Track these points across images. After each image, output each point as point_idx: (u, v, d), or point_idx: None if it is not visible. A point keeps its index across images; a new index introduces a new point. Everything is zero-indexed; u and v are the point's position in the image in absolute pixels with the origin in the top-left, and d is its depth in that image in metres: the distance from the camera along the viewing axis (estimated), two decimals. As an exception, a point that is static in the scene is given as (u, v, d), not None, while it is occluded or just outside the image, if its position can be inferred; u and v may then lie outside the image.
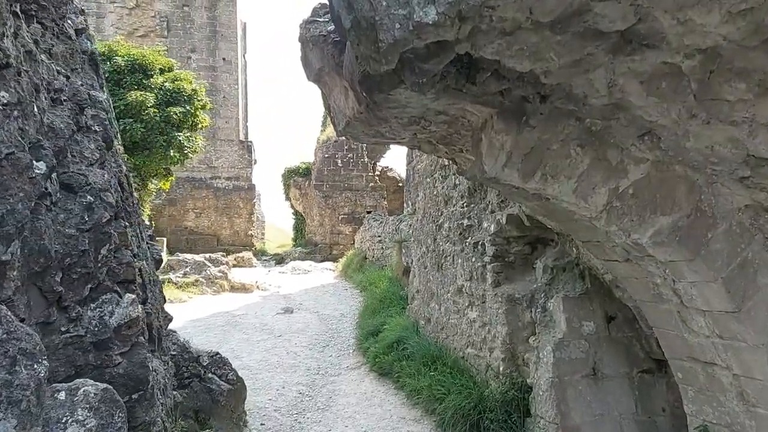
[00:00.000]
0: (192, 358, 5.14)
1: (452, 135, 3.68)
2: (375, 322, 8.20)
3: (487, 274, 5.20)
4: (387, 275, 11.11)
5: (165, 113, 14.91)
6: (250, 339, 8.29)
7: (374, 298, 9.76)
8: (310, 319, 9.75)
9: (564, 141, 3.01)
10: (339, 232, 25.05)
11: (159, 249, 4.83)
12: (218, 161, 26.70)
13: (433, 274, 6.63)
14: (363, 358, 7.18)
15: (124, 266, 2.57)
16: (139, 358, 2.47)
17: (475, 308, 5.45)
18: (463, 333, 5.69)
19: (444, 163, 6.36)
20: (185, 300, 11.00)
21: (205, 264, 12.60)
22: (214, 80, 27.62)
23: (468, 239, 5.68)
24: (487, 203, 5.45)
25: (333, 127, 4.08)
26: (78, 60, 2.71)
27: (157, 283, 4.39)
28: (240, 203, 26.17)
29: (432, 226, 6.74)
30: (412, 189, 7.72)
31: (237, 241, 25.83)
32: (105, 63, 14.73)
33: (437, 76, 2.75)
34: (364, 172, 26.38)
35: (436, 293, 6.51)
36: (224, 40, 28.31)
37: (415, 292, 7.34)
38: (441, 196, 6.45)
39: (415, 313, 7.31)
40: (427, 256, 6.89)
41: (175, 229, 25.28)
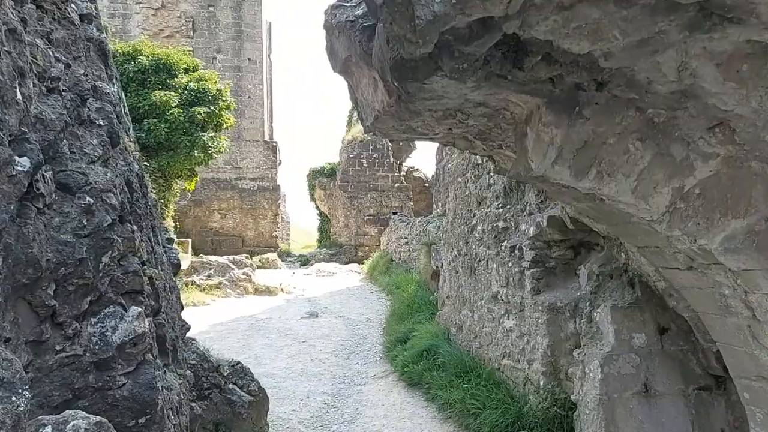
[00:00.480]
0: (212, 368, 4.91)
1: (491, 130, 3.37)
2: (403, 328, 7.91)
3: (525, 280, 4.87)
4: (414, 279, 10.81)
5: (189, 113, 14.82)
6: (273, 344, 8.06)
7: (401, 302, 9.46)
8: (335, 323, 9.50)
9: (622, 134, 2.68)
10: (364, 234, 24.83)
11: (177, 252, 4.61)
12: (243, 162, 26.68)
13: (465, 279, 6.32)
14: (391, 367, 6.89)
15: (131, 275, 2.32)
16: (146, 378, 2.22)
17: (512, 317, 5.12)
18: (499, 343, 5.36)
19: (477, 161, 6.04)
20: (208, 303, 10.84)
21: (229, 266, 12.44)
22: (239, 80, 27.63)
23: (504, 243, 5.35)
24: (524, 204, 5.12)
25: (360, 122, 3.80)
26: (81, 48, 2.47)
27: (175, 289, 4.16)
28: (265, 204, 26.11)
29: (464, 229, 6.42)
30: (442, 189, 7.41)
31: (262, 242, 25.78)
32: (129, 63, 14.72)
33: (479, 62, 2.45)
34: (390, 173, 26.13)
35: (468, 299, 6.19)
36: (249, 39, 28.34)
37: (446, 297, 7.03)
38: (473, 197, 6.13)
39: (445, 319, 7.00)
40: (458, 260, 6.57)
41: (200, 231, 25.33)
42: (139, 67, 14.67)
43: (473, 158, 6.17)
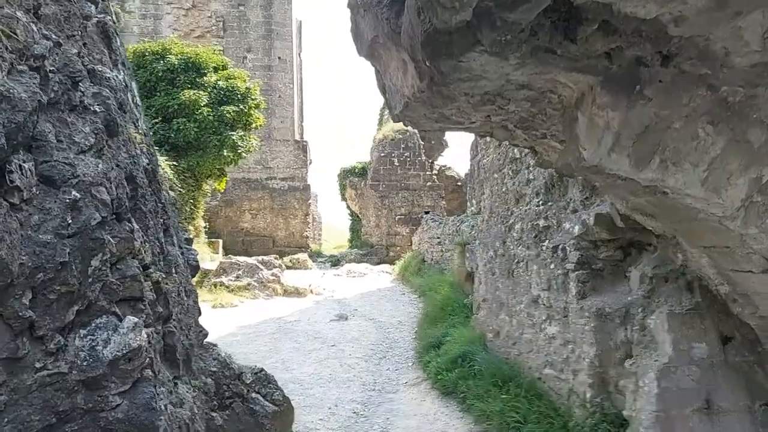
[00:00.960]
0: (234, 376, 4.66)
1: (535, 116, 3.04)
2: (436, 332, 7.59)
3: (569, 283, 4.51)
4: (447, 280, 10.47)
5: (218, 112, 14.76)
6: (301, 348, 7.82)
7: (434, 305, 9.14)
8: (365, 326, 9.22)
9: (690, 117, 2.33)
10: (396, 233, 24.52)
11: (196, 254, 4.37)
12: (273, 161, 26.67)
13: (502, 281, 5.96)
14: (423, 374, 6.58)
15: (128, 281, 2.06)
16: (145, 397, 1.96)
17: (554, 323, 4.76)
18: (540, 350, 5.00)
19: (515, 155, 5.69)
20: (236, 305, 10.69)
21: (258, 267, 12.28)
22: (270, 79, 27.63)
23: (545, 243, 4.99)
24: (567, 201, 4.75)
25: (389, 111, 3.50)
26: (76, 26, 2.23)
27: (192, 293, 3.92)
28: (295, 204, 26.04)
29: (501, 228, 6.07)
30: (477, 186, 7.06)
31: (292, 242, 25.71)
32: (159, 62, 14.71)
33: (525, 33, 2.12)
34: (422, 171, 25.79)
35: (506, 303, 5.84)
36: (279, 38, 28.32)
37: (481, 300, 6.69)
38: (511, 194, 5.78)
39: (481, 324, 6.66)
40: (495, 261, 6.23)
41: (231, 231, 25.39)
42: (168, 66, 14.66)
43: (511, 152, 5.82)
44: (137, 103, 3.37)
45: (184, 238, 4.42)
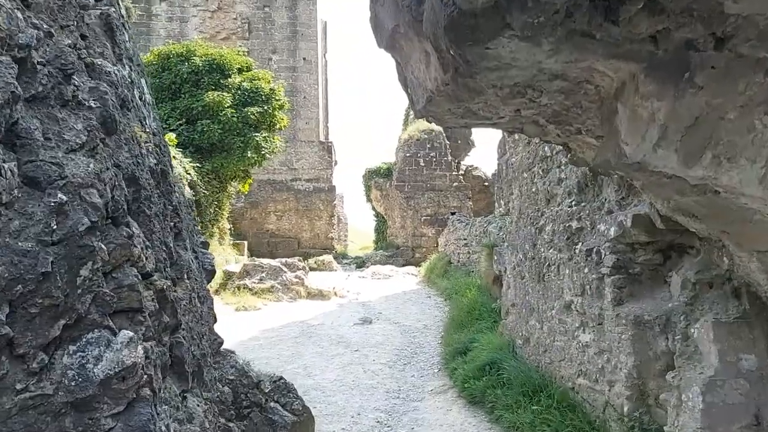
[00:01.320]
0: (252, 384, 4.51)
1: (569, 110, 2.81)
2: (463, 337, 7.36)
3: (604, 288, 4.25)
4: (474, 283, 10.23)
5: (242, 113, 14.71)
6: (324, 353, 7.66)
7: (461, 309, 8.90)
8: (390, 331, 9.03)
9: (746, 107, 2.08)
10: (421, 235, 24.29)
11: (212, 258, 4.23)
12: (298, 163, 26.65)
13: (532, 285, 5.72)
14: (450, 381, 6.36)
15: (125, 290, 1.90)
16: (141, 420, 1.79)
17: (588, 330, 4.50)
18: (573, 359, 4.75)
19: (545, 153, 5.44)
20: (259, 307, 10.59)
21: (282, 269, 12.17)
22: (295, 81, 27.64)
23: (578, 245, 4.74)
24: (602, 201, 4.50)
25: (411, 107, 3.30)
26: (72, 16, 2.08)
27: (207, 300, 3.77)
28: (320, 205, 25.98)
29: (530, 230, 5.82)
30: (505, 186, 6.82)
31: (317, 243, 25.66)
32: (183, 64, 14.73)
33: (560, 14, 1.91)
34: (448, 172, 25.50)
35: (536, 309, 5.60)
36: (304, 39, 28.31)
37: (510, 305, 6.44)
38: (541, 194, 5.53)
39: (510, 330, 6.41)
40: (524, 264, 5.98)
41: (256, 232, 25.43)
42: (192, 68, 14.67)
43: (541, 150, 5.57)
44: (147, 101, 3.23)
45: (200, 241, 4.28)
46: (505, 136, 6.87)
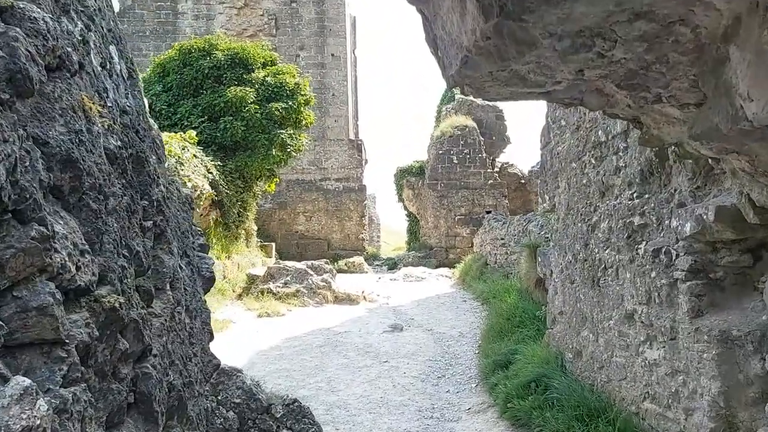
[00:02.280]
0: (261, 408, 3.96)
1: (650, 68, 2.17)
2: (503, 348, 6.71)
3: (678, 296, 3.58)
4: (514, 286, 9.55)
5: (266, 110, 14.27)
6: (350, 365, 7.09)
7: (499, 315, 8.24)
8: (422, 339, 8.42)
9: None
10: (455, 235, 23.63)
11: (210, 263, 3.69)
12: (328, 162, 26.23)
13: (584, 291, 5.04)
14: (489, 398, 5.73)
15: (33, 315, 1.34)
16: None
17: (657, 346, 3.83)
18: (637, 379, 4.07)
19: (599, 139, 4.77)
20: (283, 313, 10.08)
21: (307, 272, 11.66)
22: (323, 77, 27.28)
23: (641, 245, 4.06)
24: (671, 192, 3.82)
25: (442, 74, 2.69)
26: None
27: (200, 313, 3.23)
28: (350, 205, 25.51)
29: (581, 227, 5.15)
30: (549, 179, 6.15)
31: (348, 245, 25.18)
32: (204, 59, 14.37)
33: None
34: (482, 169, 24.78)
35: (589, 318, 4.92)
36: (333, 35, 27.93)
37: (557, 313, 5.77)
38: (594, 186, 4.86)
39: (557, 341, 5.74)
40: (574, 267, 5.31)
41: (285, 234, 25.10)
42: (214, 63, 14.29)
43: (593, 136, 4.90)
44: (119, 73, 2.68)
45: (198, 243, 3.73)
46: (550, 122, 6.20)
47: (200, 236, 3.78)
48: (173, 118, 13.91)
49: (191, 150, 11.84)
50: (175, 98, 14.27)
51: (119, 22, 2.96)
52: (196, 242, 3.68)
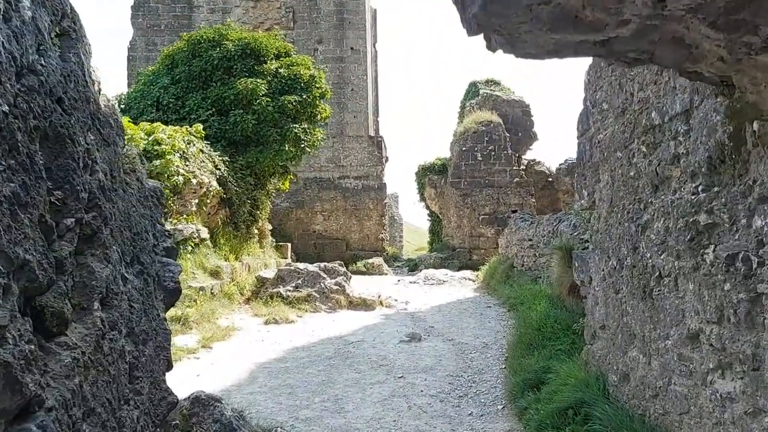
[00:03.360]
0: (242, 446, 3.33)
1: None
2: (533, 364, 6.00)
3: (762, 315, 2.85)
4: (544, 292, 8.81)
5: (279, 103, 13.68)
6: (362, 380, 6.44)
7: (528, 324, 7.52)
8: (442, 350, 7.73)
9: None
10: (479, 235, 22.89)
11: (176, 271, 3.06)
12: (346, 159, 25.65)
13: (633, 303, 4.32)
14: (519, 425, 5.03)
15: None
16: None
17: (732, 376, 3.10)
18: (704, 415, 3.35)
19: (652, 122, 4.04)
20: (293, 320, 9.45)
21: (320, 275, 11.02)
22: (342, 72, 26.76)
23: (709, 249, 3.34)
24: (749, 183, 3.09)
25: (461, 19, 2.02)
26: None
27: (154, 335, 2.61)
28: (370, 204, 24.90)
29: (628, 227, 4.43)
30: (588, 172, 5.44)
31: (367, 245, 24.57)
32: (214, 49, 13.83)
33: None
34: (508, 166, 24.02)
35: (639, 336, 4.20)
36: (352, 28, 27.39)
37: (598, 327, 5.04)
38: (646, 178, 4.13)
39: (598, 360, 5.01)
40: (619, 274, 4.58)
41: (302, 234, 24.61)
42: (224, 54, 13.73)
43: (644, 119, 4.17)
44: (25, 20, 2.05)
45: (163, 247, 3.10)
46: (588, 106, 5.48)
47: (167, 238, 3.14)
48: (181, 112, 13.40)
49: (197, 144, 11.30)
50: (183, 91, 13.76)
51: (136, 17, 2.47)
52: (160, 245, 3.05)
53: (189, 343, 7.50)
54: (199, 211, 10.98)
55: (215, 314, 8.93)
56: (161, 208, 3.34)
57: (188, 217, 10.51)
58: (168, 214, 10.03)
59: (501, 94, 27.81)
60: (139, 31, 25.96)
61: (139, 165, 3.17)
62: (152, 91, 13.70)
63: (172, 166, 9.78)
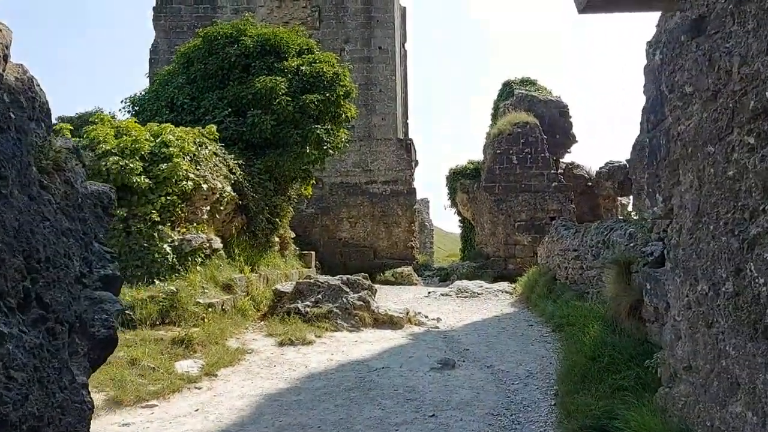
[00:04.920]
0: None
1: None
2: (592, 404, 5.04)
3: None
4: (595, 312, 7.80)
5: (300, 102, 12.90)
6: (385, 419, 5.54)
7: (580, 351, 6.54)
8: (479, 380, 6.78)
9: None
10: (515, 243, 21.86)
11: (113, 311, 2.21)
12: (374, 163, 24.83)
13: (735, 342, 3.35)
14: (579, 489, 4.06)
15: None
16: None
17: None
18: None
19: (764, 105, 3.07)
20: (310, 340, 8.58)
21: (342, 289, 10.15)
22: (370, 72, 26.03)
23: None
24: None
25: None
26: None
27: (68, 413, 1.74)
28: (398, 210, 24.01)
29: (728, 242, 3.46)
30: (664, 172, 4.49)
31: (395, 253, 23.67)
32: (231, 46, 13.12)
33: None
34: (545, 170, 22.99)
35: (746, 386, 3.23)
36: (380, 27, 26.65)
37: (682, 368, 4.07)
38: (755, 179, 3.17)
39: (681, 410, 4.03)
40: (714, 303, 3.61)
41: (328, 241, 23.84)
42: (242, 50, 13.01)
43: (751, 102, 3.21)
44: None
45: (100, 276, 2.25)
46: (664, 91, 4.53)
47: (108, 263, 2.29)
48: (197, 113, 12.72)
49: (210, 147, 10.57)
50: (199, 91, 13.08)
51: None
52: (95, 273, 2.19)
53: (191, 369, 6.70)
54: (211, 219, 10.24)
55: (224, 334, 8.13)
56: (106, 221, 2.50)
57: (198, 225, 9.77)
58: (176, 223, 9.31)
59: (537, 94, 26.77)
60: (161, 33, 25.60)
61: (71, 163, 2.33)
62: (166, 92, 13.07)
63: (180, 170, 9.05)
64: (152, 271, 8.52)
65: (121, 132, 9.18)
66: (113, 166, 8.31)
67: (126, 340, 7.12)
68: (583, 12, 4.92)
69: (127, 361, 6.50)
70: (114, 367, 6.25)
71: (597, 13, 5.26)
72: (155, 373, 6.44)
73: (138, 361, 6.56)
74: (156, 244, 8.65)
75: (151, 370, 6.47)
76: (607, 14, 6.25)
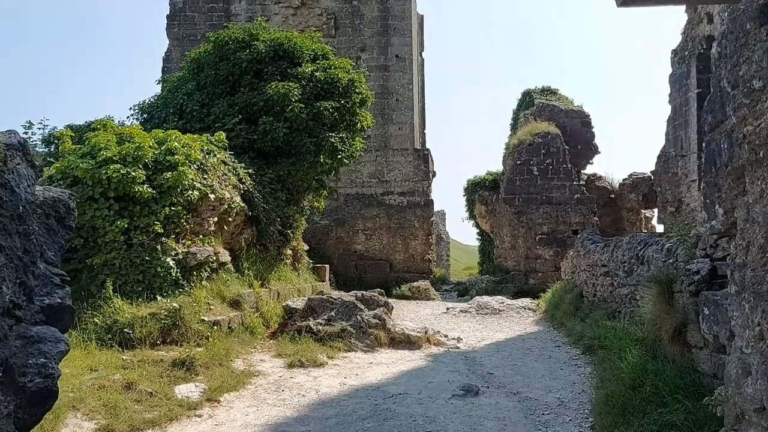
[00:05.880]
0: None
1: None
2: (637, 443, 4.47)
3: None
4: (632, 334, 7.21)
5: (314, 109, 12.47)
6: (403, 456, 5.01)
7: (618, 378, 5.97)
8: (506, 409, 6.22)
9: None
10: (536, 257, 21.26)
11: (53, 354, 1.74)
12: (390, 174, 24.34)
13: (829, 385, 2.80)
14: None
15: None
16: None
17: None
18: None
19: None
20: (323, 362, 8.06)
21: (356, 306, 9.64)
22: (386, 81, 25.62)
23: None
24: None
25: None
26: None
27: None
28: (415, 222, 23.47)
29: (815, 264, 2.91)
30: (725, 180, 3.95)
31: (412, 266, 23.11)
32: (243, 51, 12.76)
33: None
34: (567, 181, 22.39)
35: None
36: (397, 34, 26.28)
37: (753, 409, 3.51)
38: None
39: (753, 458, 3.47)
40: (796, 335, 3.06)
41: (342, 254, 23.35)
42: (254, 56, 12.63)
43: None
44: None
45: (43, 306, 1.76)
46: (725, 88, 4.01)
47: (55, 287, 1.83)
48: (206, 120, 12.34)
49: (219, 155, 10.15)
50: (209, 97, 12.72)
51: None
52: (35, 303, 1.73)
53: (191, 395, 6.22)
54: (219, 231, 9.81)
55: (230, 355, 7.64)
56: (62, 235, 2.04)
57: (205, 237, 9.34)
58: (181, 235, 8.88)
59: (558, 103, 26.22)
60: (174, 41, 25.44)
61: (13, 162, 1.87)
62: (176, 98, 12.73)
63: (185, 179, 8.63)
64: (154, 286, 8.08)
65: (124, 139, 8.80)
66: (114, 175, 7.90)
67: (123, 362, 6.67)
68: (623, 5, 4.50)
69: (122, 385, 6.04)
70: (108, 392, 5.79)
71: (637, 6, 4.88)
72: (152, 398, 5.97)
73: (134, 384, 6.09)
74: (158, 258, 8.21)
75: (148, 395, 6.00)
76: (645, 8, 5.89)
